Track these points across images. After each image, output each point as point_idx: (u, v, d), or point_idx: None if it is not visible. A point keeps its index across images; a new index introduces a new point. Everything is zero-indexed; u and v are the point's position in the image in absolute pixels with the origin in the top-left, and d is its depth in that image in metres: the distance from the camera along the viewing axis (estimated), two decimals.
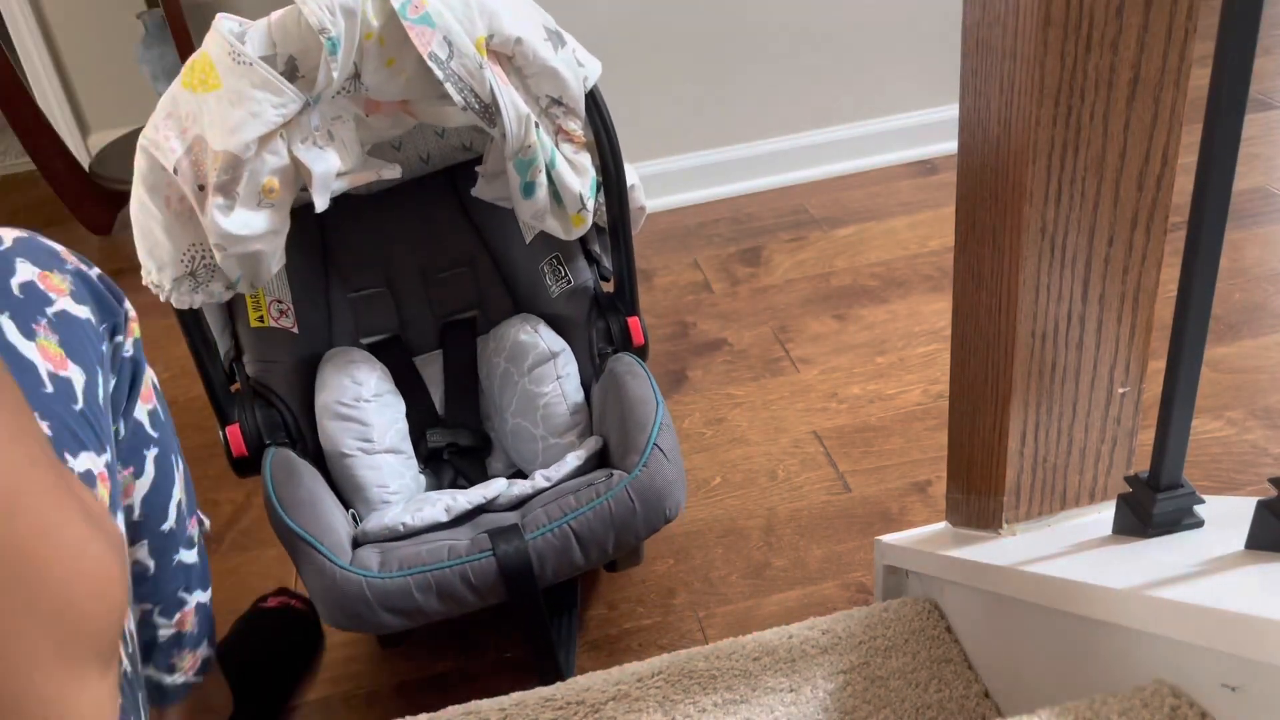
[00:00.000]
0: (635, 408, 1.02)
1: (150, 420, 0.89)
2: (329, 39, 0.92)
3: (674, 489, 0.96)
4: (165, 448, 0.91)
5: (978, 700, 0.80)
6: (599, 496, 0.93)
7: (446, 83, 0.96)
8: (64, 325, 0.77)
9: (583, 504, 0.93)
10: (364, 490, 1.08)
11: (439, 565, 0.90)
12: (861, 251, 1.71)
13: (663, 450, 0.96)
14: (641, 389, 1.04)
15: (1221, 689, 0.52)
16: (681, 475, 0.98)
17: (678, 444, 1.00)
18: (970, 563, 0.77)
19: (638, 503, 0.93)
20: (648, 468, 0.95)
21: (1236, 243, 1.58)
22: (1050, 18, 0.56)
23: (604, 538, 0.93)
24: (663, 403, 1.02)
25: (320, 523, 0.94)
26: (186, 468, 0.96)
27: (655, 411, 1.00)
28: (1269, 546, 0.55)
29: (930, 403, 1.38)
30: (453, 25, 0.96)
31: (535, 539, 0.92)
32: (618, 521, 0.93)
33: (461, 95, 0.97)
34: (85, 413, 0.75)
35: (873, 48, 1.83)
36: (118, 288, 0.87)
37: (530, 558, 0.91)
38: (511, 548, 0.91)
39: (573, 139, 1.07)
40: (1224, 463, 1.21)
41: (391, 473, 1.10)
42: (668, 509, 0.95)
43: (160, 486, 0.89)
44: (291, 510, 0.94)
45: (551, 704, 0.82)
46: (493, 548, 0.91)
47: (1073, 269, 0.65)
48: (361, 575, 0.89)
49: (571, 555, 0.93)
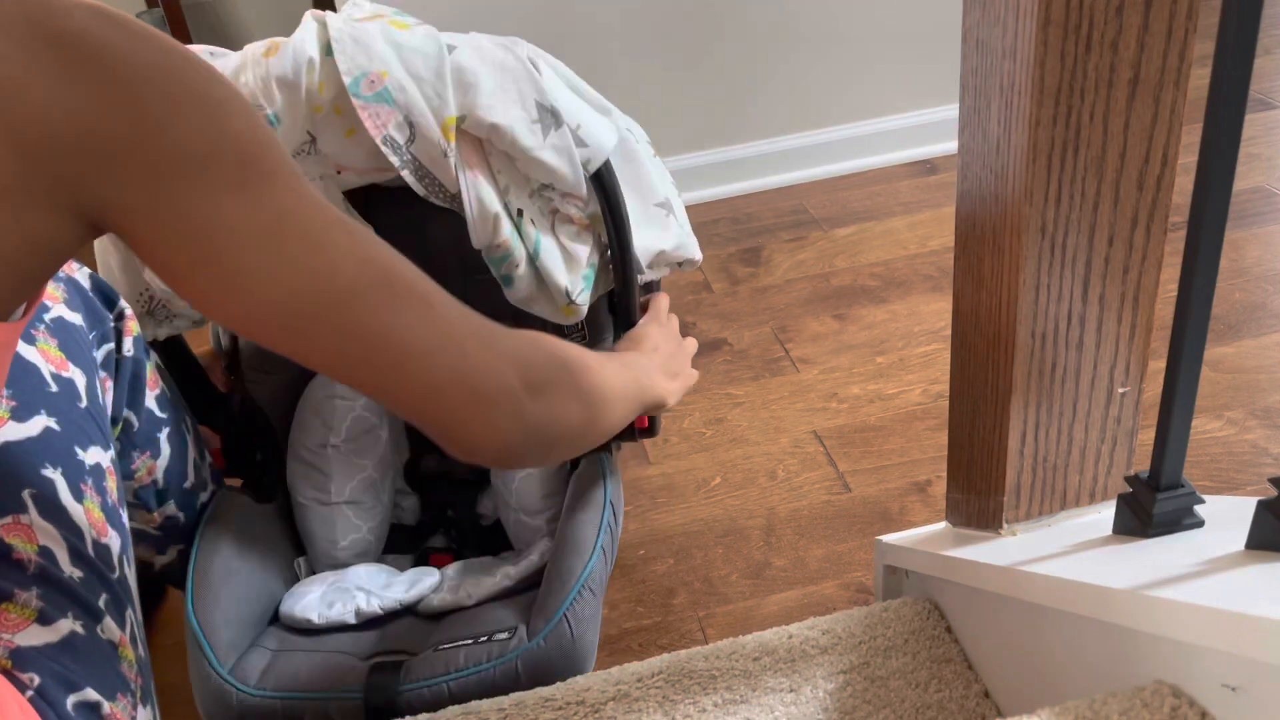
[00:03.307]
0: (566, 556, 0.94)
1: (158, 404, 0.94)
2: (267, 114, 0.85)
3: (572, 666, 0.88)
4: (174, 420, 0.96)
5: (978, 700, 0.80)
6: (488, 660, 0.88)
7: (403, 170, 0.86)
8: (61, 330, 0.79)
9: (468, 664, 0.88)
10: (315, 542, 1.07)
11: (307, 695, 0.88)
12: (861, 251, 1.71)
13: (571, 622, 0.88)
14: (584, 530, 0.96)
15: (1221, 689, 0.52)
16: (590, 645, 0.91)
17: (597, 608, 0.93)
18: (970, 563, 0.77)
19: (524, 677, 0.87)
20: (546, 642, 0.88)
21: (1236, 243, 1.58)
22: (1050, 18, 0.56)
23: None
24: (599, 553, 0.94)
25: (220, 611, 0.92)
26: (193, 420, 1.01)
27: (582, 569, 0.92)
28: (1269, 546, 0.55)
29: (930, 403, 1.38)
30: (416, 103, 0.84)
31: (407, 690, 0.87)
32: (499, 691, 0.86)
33: (422, 184, 0.88)
34: (90, 410, 0.77)
35: (873, 48, 1.83)
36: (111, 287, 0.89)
37: (399, 706, 0.87)
38: (383, 692, 0.87)
39: (572, 221, 0.96)
40: (1224, 463, 1.21)
41: (346, 527, 1.07)
42: (559, 682, 0.88)
43: (176, 456, 0.96)
44: (199, 588, 0.92)
45: (551, 704, 0.82)
46: (365, 687, 0.87)
47: (1073, 269, 0.65)
48: (233, 687, 0.87)
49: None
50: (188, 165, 0.47)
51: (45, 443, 0.72)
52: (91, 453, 0.76)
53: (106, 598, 0.71)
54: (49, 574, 0.68)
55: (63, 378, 0.76)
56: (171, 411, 0.96)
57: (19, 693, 0.61)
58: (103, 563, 0.72)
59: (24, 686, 0.62)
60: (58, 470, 0.72)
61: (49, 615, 0.66)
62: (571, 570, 0.92)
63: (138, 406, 0.91)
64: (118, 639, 0.71)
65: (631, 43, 1.74)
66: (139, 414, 0.91)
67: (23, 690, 0.62)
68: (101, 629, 0.69)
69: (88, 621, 0.69)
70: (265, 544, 1.03)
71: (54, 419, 0.73)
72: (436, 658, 0.90)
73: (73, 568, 0.69)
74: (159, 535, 0.98)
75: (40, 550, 0.68)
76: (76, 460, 0.74)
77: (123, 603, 0.73)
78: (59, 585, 0.68)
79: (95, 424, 0.78)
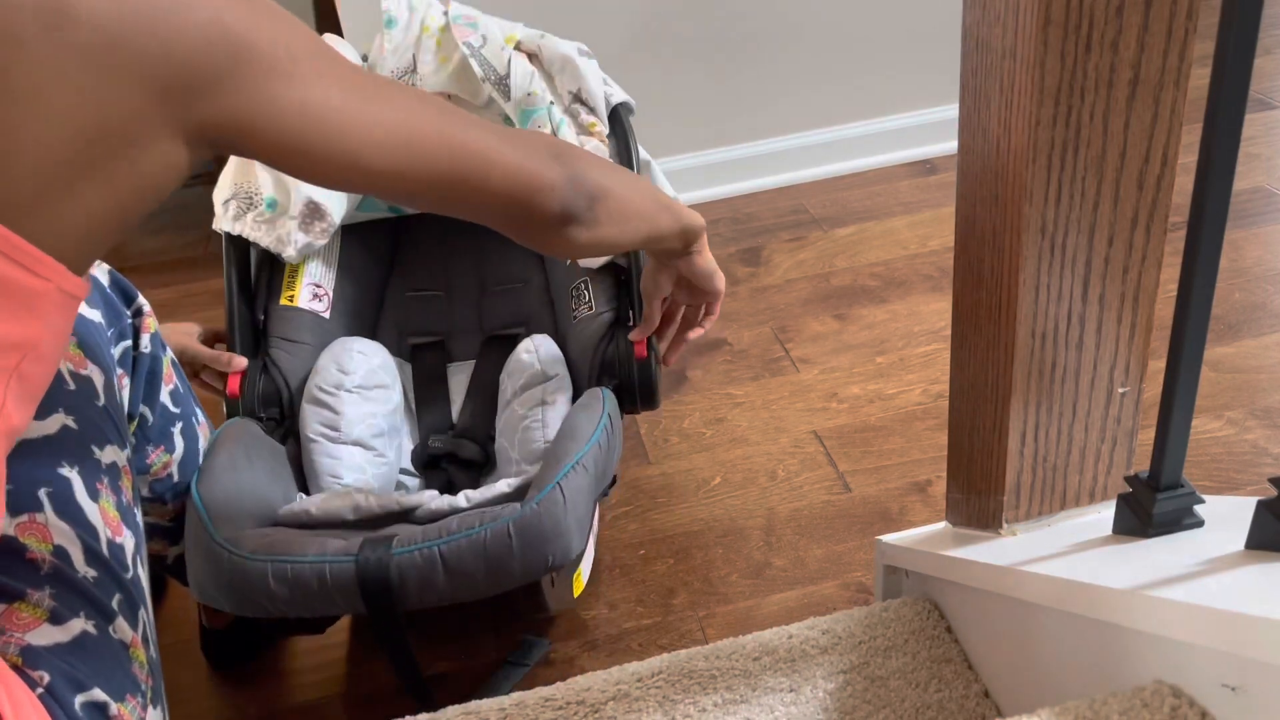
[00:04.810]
0: (563, 441, 0.95)
1: (172, 399, 0.95)
2: (387, 15, 1.21)
3: (562, 534, 0.87)
4: (187, 414, 0.97)
5: (978, 700, 0.80)
6: (479, 525, 0.87)
7: (471, 59, 1.20)
8: (80, 327, 0.79)
9: (460, 529, 0.87)
10: (319, 477, 1.08)
11: (298, 559, 0.86)
12: (861, 251, 1.71)
13: (564, 491, 0.88)
14: (583, 424, 0.98)
15: (1221, 689, 0.52)
16: (581, 521, 0.90)
17: (591, 486, 0.93)
18: (970, 563, 0.77)
19: (515, 541, 0.86)
20: (538, 507, 0.87)
21: (1236, 243, 1.58)
22: (1050, 17, 0.56)
23: (474, 570, 0.86)
24: (596, 442, 0.95)
25: (222, 491, 0.92)
26: (205, 415, 1.02)
27: (580, 449, 0.93)
28: (1269, 546, 0.55)
29: (930, 403, 1.38)
30: (492, 29, 1.23)
31: (399, 555, 0.86)
32: (491, 557, 0.86)
33: (482, 68, 1.20)
34: (107, 408, 0.78)
35: (873, 48, 1.83)
36: (130, 284, 0.90)
37: (391, 572, 0.85)
38: (374, 558, 0.86)
39: (592, 133, 1.18)
40: (1224, 463, 1.21)
41: (350, 465, 1.08)
42: (551, 555, 0.87)
43: (189, 450, 0.97)
44: (204, 473, 0.94)
45: (551, 704, 0.82)
46: (356, 554, 0.86)
47: (1073, 269, 0.65)
48: (225, 550, 0.86)
49: (436, 580, 0.86)
50: (282, 67, 0.57)
51: (62, 441, 0.72)
52: (108, 451, 0.76)
53: (119, 597, 0.71)
54: (62, 573, 0.68)
55: (81, 375, 0.76)
56: (185, 406, 0.97)
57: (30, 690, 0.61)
58: (116, 562, 0.72)
59: (34, 684, 0.63)
60: (74, 469, 0.72)
61: (61, 615, 0.66)
62: (568, 451, 0.93)
63: (153, 402, 0.91)
64: (129, 639, 0.71)
65: (631, 43, 1.74)
66: (154, 409, 0.92)
67: (33, 688, 0.62)
68: (113, 629, 0.70)
69: (100, 622, 0.69)
70: (271, 466, 1.03)
71: (71, 417, 0.73)
72: (430, 527, 0.89)
73: (87, 567, 0.69)
74: (172, 528, 0.98)
75: (54, 550, 0.68)
76: (93, 459, 0.74)
77: (135, 603, 0.73)
78: (72, 585, 0.68)
79: (112, 422, 0.78)
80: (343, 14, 1.61)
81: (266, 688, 1.11)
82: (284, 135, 0.59)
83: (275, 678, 1.12)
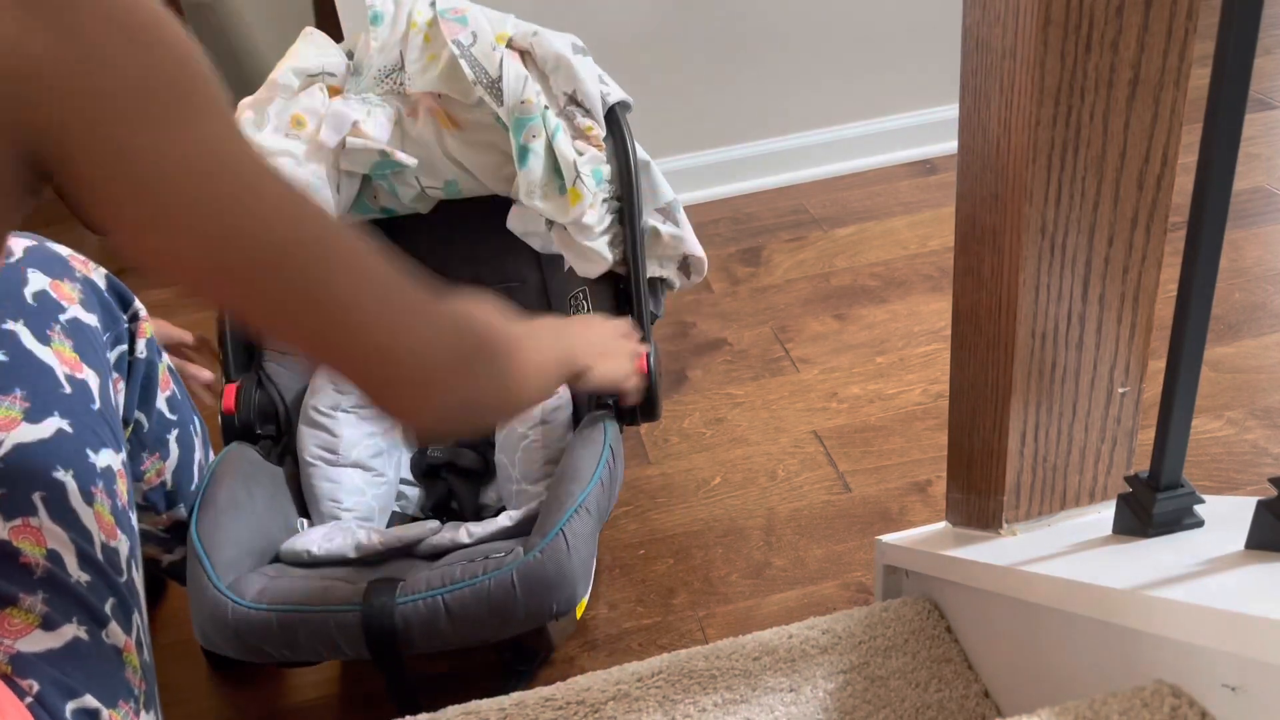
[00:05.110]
0: (565, 482, 0.95)
1: (169, 405, 0.94)
2: (373, 11, 1.16)
3: (567, 582, 0.87)
4: (183, 421, 0.97)
5: (978, 700, 0.80)
6: (484, 574, 0.87)
7: (461, 59, 1.11)
8: (76, 331, 0.79)
9: (464, 578, 0.87)
10: (319, 501, 1.07)
11: (303, 608, 0.86)
12: (861, 251, 1.71)
13: (567, 538, 0.88)
14: (584, 462, 0.97)
15: (1221, 689, 0.52)
16: (585, 564, 0.90)
17: (594, 527, 0.93)
18: (970, 563, 0.77)
19: (519, 589, 0.86)
20: (542, 555, 0.87)
21: (1236, 243, 1.58)
22: (1050, 17, 0.56)
23: (478, 618, 0.86)
24: (598, 480, 0.95)
25: (223, 532, 0.92)
26: (202, 423, 1.01)
27: (582, 491, 0.92)
28: (1269, 546, 0.55)
29: (930, 403, 1.38)
30: (482, 25, 1.14)
31: (403, 604, 0.86)
32: (495, 605, 0.86)
33: (472, 70, 1.12)
34: (102, 412, 0.77)
35: (873, 48, 1.83)
36: (127, 289, 0.89)
37: (395, 621, 0.86)
38: (379, 607, 0.86)
39: (588, 138, 1.12)
40: (1224, 463, 1.21)
41: (350, 488, 1.08)
42: (556, 603, 0.87)
43: (184, 458, 0.96)
44: (203, 512, 0.92)
45: (551, 704, 0.82)
46: (361, 603, 0.86)
47: (1073, 269, 0.65)
48: (229, 599, 0.86)
49: (440, 628, 0.86)
50: (122, 93, 0.45)
51: (57, 444, 0.72)
52: (103, 455, 0.75)
53: (113, 602, 0.71)
54: (55, 578, 0.67)
55: (76, 379, 0.76)
56: (181, 413, 0.96)
57: (18, 699, 0.61)
58: (111, 566, 0.72)
59: (23, 693, 0.62)
60: (69, 472, 0.71)
61: (53, 620, 0.66)
62: (570, 494, 0.92)
63: (148, 408, 0.91)
64: (122, 644, 0.71)
65: (631, 44, 1.74)
66: (149, 415, 0.91)
67: (21, 697, 0.61)
68: (106, 634, 0.69)
69: (92, 627, 0.68)
70: (271, 494, 1.03)
71: (66, 420, 0.73)
72: (433, 573, 0.89)
73: (80, 572, 0.69)
74: (166, 537, 0.98)
75: (48, 554, 0.68)
76: (88, 463, 0.74)
77: (129, 607, 0.73)
78: (65, 590, 0.68)
79: (107, 426, 0.78)
80: (342, 14, 1.61)
81: (266, 688, 1.11)
82: (104, 183, 0.48)
83: (275, 678, 1.12)
